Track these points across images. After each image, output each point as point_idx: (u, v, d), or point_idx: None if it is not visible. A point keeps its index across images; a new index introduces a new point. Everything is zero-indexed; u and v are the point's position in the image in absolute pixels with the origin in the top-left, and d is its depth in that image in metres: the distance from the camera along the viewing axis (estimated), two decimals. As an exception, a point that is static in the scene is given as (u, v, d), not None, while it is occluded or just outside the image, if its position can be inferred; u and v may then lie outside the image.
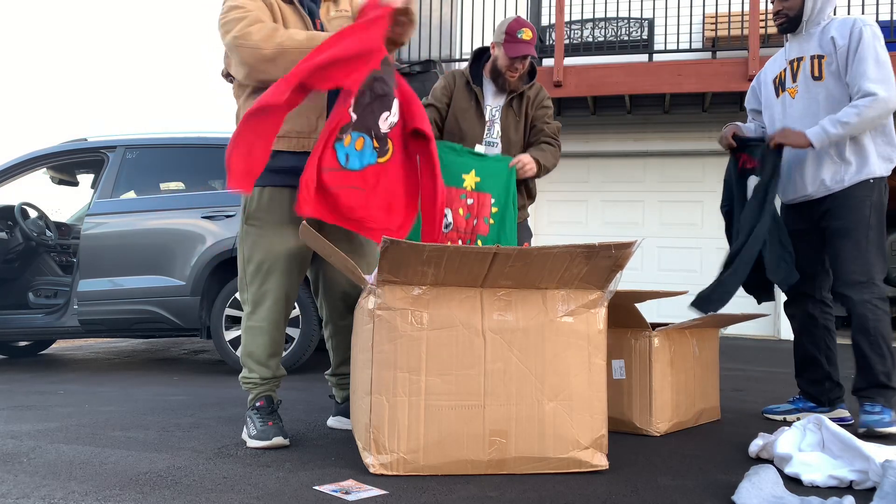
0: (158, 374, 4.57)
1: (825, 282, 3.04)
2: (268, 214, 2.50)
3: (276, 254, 2.50)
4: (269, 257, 2.50)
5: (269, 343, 2.55)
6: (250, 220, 2.52)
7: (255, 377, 2.56)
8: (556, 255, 2.07)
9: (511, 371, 2.15)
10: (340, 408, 2.82)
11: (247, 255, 2.53)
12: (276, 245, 2.50)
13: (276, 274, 2.51)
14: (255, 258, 2.51)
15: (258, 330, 2.53)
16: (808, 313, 3.05)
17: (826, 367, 3.04)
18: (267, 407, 2.55)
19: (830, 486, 2.05)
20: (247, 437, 2.52)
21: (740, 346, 6.74)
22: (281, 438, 2.44)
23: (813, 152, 2.91)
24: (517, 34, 3.16)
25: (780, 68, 3.07)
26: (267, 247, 2.50)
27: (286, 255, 2.51)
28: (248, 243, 2.53)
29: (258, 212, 2.51)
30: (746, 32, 7.20)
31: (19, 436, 2.66)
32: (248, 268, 2.53)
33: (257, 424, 2.49)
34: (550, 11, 8.58)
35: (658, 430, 2.72)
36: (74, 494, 1.93)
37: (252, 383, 2.56)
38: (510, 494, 1.96)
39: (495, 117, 3.33)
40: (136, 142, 4.86)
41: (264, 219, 2.51)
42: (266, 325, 2.53)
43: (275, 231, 2.50)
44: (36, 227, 5.27)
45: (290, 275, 2.53)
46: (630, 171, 8.27)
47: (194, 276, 4.44)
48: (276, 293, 2.52)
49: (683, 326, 2.86)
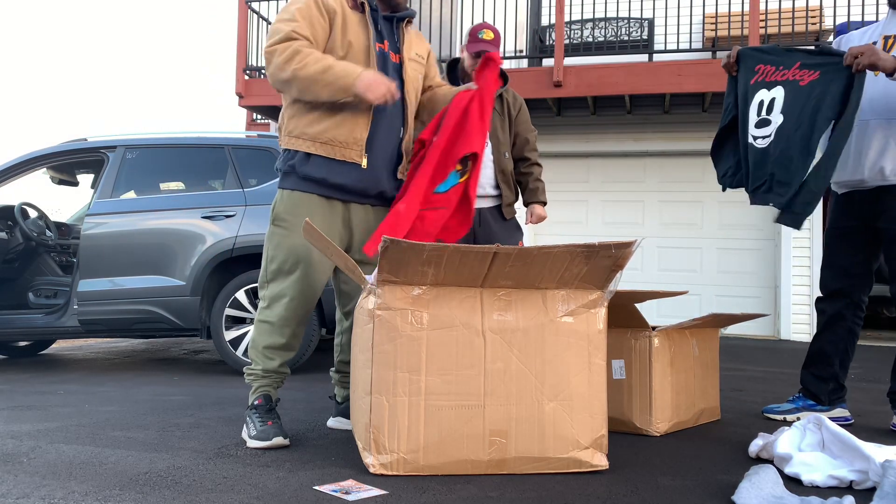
0: (158, 374, 4.57)
1: (866, 284, 2.97)
2: (293, 217, 2.57)
3: (298, 255, 2.56)
4: (290, 258, 2.56)
5: (277, 338, 2.59)
6: (277, 221, 2.59)
7: (258, 369, 2.59)
8: (556, 254, 2.07)
9: (511, 371, 2.15)
10: (340, 408, 2.82)
11: (271, 253, 2.60)
12: (299, 247, 2.56)
13: (295, 275, 2.57)
14: (277, 258, 2.58)
15: (267, 325, 2.59)
16: (839, 312, 2.99)
17: (836, 368, 3.01)
18: (265, 405, 2.56)
19: (830, 486, 2.05)
20: (247, 437, 2.52)
21: (740, 346, 6.74)
22: (281, 438, 2.45)
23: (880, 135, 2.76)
24: (478, 34, 3.31)
25: (871, 41, 2.85)
26: (290, 248, 2.56)
27: (307, 257, 2.56)
28: (273, 243, 2.59)
29: (285, 213, 2.58)
30: (746, 32, 7.20)
31: (19, 436, 2.66)
32: (270, 266, 2.60)
33: (257, 424, 2.50)
34: (550, 11, 8.59)
35: (658, 430, 2.72)
36: (74, 494, 1.93)
37: (254, 375, 2.60)
38: (510, 494, 1.96)
39: None
40: (136, 142, 4.86)
41: (290, 221, 2.57)
42: (276, 321, 2.58)
43: (299, 234, 2.57)
44: (36, 227, 5.26)
45: (307, 278, 2.57)
46: (630, 171, 8.27)
47: (194, 276, 4.44)
48: (292, 293, 2.57)
49: (683, 326, 2.86)
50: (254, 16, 8.45)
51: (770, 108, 2.83)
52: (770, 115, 2.83)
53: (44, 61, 55.19)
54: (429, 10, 8.05)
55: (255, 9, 8.47)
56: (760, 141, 2.85)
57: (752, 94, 2.91)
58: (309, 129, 2.55)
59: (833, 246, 3.00)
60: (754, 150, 2.87)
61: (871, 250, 2.95)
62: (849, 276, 2.96)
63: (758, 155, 2.85)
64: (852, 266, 2.95)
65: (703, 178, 8.04)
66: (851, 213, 2.94)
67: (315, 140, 2.55)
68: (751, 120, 2.90)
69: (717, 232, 7.98)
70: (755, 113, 2.88)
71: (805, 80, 2.77)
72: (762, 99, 2.87)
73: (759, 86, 2.90)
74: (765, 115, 2.85)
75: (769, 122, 2.83)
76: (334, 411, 2.85)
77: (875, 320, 9.39)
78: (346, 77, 2.42)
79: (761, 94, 2.88)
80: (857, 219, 2.92)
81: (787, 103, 2.79)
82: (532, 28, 8.53)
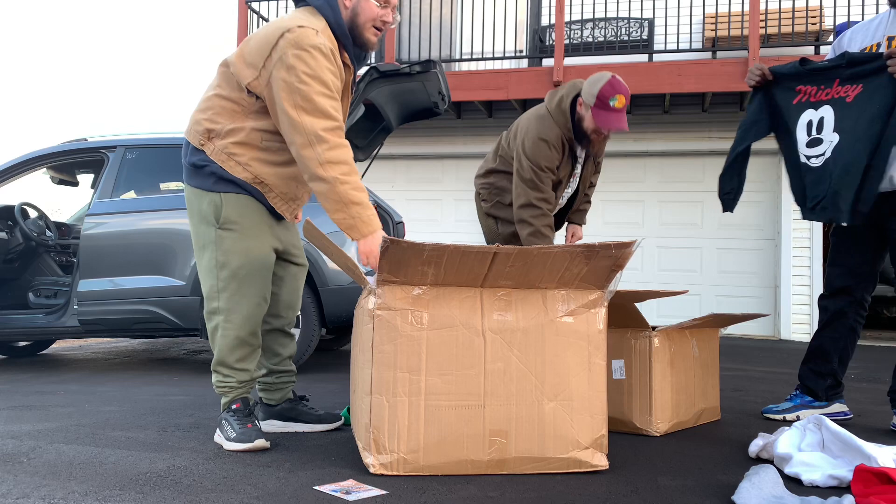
0: (158, 374, 4.57)
1: (870, 283, 2.98)
2: (243, 219, 2.46)
3: (254, 258, 2.47)
4: (246, 262, 2.46)
5: (249, 349, 2.50)
6: (226, 224, 2.45)
7: (232, 381, 2.49)
8: (556, 255, 2.07)
9: (511, 371, 2.15)
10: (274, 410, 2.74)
11: (220, 260, 2.46)
12: (254, 249, 2.47)
13: (253, 279, 2.47)
14: (230, 263, 2.45)
15: (235, 338, 2.47)
16: (841, 310, 3.00)
17: (834, 365, 3.02)
18: (244, 409, 2.48)
19: (830, 486, 2.05)
20: (223, 441, 2.45)
21: (740, 346, 6.74)
22: (263, 441, 2.40)
23: None
24: (609, 102, 3.01)
25: (874, 41, 2.86)
26: (244, 251, 2.46)
27: (263, 259, 2.49)
28: (222, 248, 2.46)
29: (235, 216, 2.45)
30: (746, 32, 7.20)
31: (19, 436, 2.66)
32: (222, 273, 2.46)
33: (235, 427, 2.43)
34: (550, 11, 8.58)
35: (658, 430, 2.72)
36: (74, 494, 1.93)
37: (227, 387, 2.50)
38: (510, 494, 1.96)
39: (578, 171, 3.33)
40: (136, 142, 4.86)
41: (240, 223, 2.46)
42: (244, 332, 2.48)
43: (252, 235, 2.47)
44: (36, 227, 5.26)
45: (265, 279, 2.51)
46: (630, 171, 8.27)
47: (194, 276, 4.44)
48: (255, 297, 2.48)
49: (683, 326, 2.86)
50: (254, 16, 8.45)
51: (820, 127, 2.88)
52: (821, 133, 2.87)
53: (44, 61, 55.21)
54: (429, 10, 8.05)
55: (255, 9, 8.47)
56: (815, 160, 2.89)
57: (796, 115, 2.95)
58: (255, 165, 2.44)
59: (840, 244, 3.01)
60: (809, 168, 2.92)
61: (877, 250, 2.96)
62: (854, 275, 2.97)
63: (815, 174, 2.90)
64: (858, 265, 2.96)
65: (703, 178, 8.04)
66: None
67: (256, 178, 2.45)
68: (800, 140, 2.94)
69: (717, 232, 7.98)
70: (804, 132, 2.92)
71: (851, 97, 2.81)
72: (810, 119, 2.90)
73: (803, 106, 2.94)
74: (815, 134, 2.89)
75: (821, 140, 2.87)
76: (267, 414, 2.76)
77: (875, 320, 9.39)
78: (364, 225, 2.31)
79: (808, 114, 2.91)
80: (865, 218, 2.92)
81: (838, 120, 2.83)
82: (532, 28, 8.53)
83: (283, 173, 2.49)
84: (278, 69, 2.32)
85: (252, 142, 2.44)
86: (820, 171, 2.87)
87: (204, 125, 2.46)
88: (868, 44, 2.89)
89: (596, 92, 3.03)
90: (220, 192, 2.45)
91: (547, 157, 3.15)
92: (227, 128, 2.44)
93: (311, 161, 2.30)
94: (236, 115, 2.45)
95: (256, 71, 2.39)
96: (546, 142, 3.15)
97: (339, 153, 2.31)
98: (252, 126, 2.44)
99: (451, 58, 8.06)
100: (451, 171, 8.70)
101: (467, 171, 8.58)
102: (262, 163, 2.45)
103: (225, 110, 2.45)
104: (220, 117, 2.45)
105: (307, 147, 2.30)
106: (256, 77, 2.39)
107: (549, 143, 3.15)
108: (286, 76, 2.31)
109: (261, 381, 2.74)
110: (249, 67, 2.40)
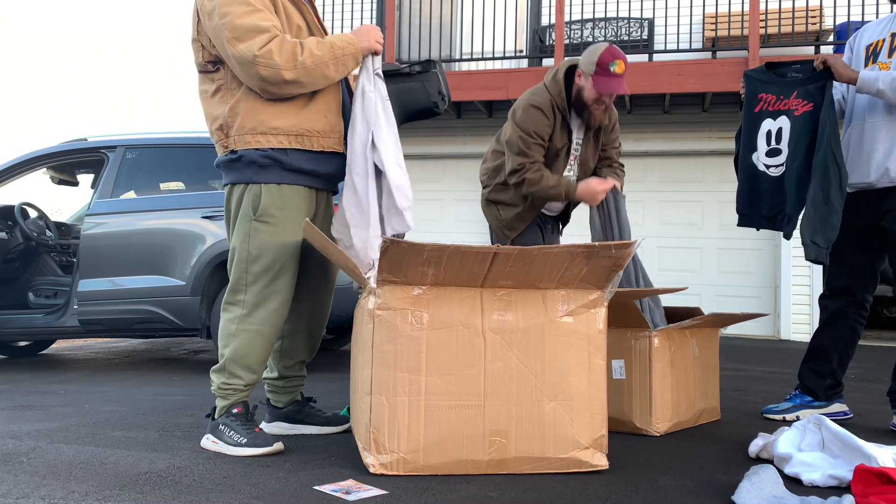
0: (158, 374, 4.57)
1: (870, 283, 2.98)
2: (282, 212, 2.40)
3: (290, 253, 2.42)
4: (282, 256, 2.40)
5: (267, 348, 2.43)
6: (262, 217, 2.39)
7: (240, 384, 2.41)
8: (556, 254, 2.07)
9: (511, 371, 2.15)
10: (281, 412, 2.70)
11: (253, 253, 2.39)
12: (290, 244, 2.42)
13: (286, 274, 2.42)
14: (264, 257, 2.39)
15: (257, 334, 2.40)
16: (841, 310, 3.00)
17: (834, 365, 3.02)
18: (245, 413, 2.42)
19: (830, 486, 2.05)
20: (225, 447, 2.36)
21: (740, 346, 6.74)
22: (280, 444, 2.36)
23: (886, 136, 2.78)
24: (609, 67, 2.98)
25: (880, 37, 2.88)
26: (280, 245, 2.40)
27: (297, 255, 2.45)
28: (257, 241, 2.39)
29: (273, 208, 2.40)
30: (746, 32, 7.20)
31: (19, 436, 2.66)
32: (253, 267, 2.40)
33: (242, 432, 2.36)
34: (550, 11, 8.58)
35: (658, 430, 2.72)
36: (74, 494, 1.93)
37: (233, 390, 2.42)
38: (510, 494, 1.96)
39: (577, 152, 3.28)
40: (136, 142, 4.86)
41: (278, 216, 2.40)
42: (267, 328, 2.41)
43: (290, 230, 2.42)
44: (36, 227, 5.26)
45: (294, 276, 2.46)
46: (630, 171, 8.26)
47: (194, 276, 4.44)
48: (284, 295, 2.43)
49: (683, 326, 2.86)
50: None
51: (779, 137, 2.93)
52: (780, 144, 2.92)
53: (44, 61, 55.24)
54: (429, 10, 8.05)
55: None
56: (773, 170, 2.95)
57: (757, 123, 3.00)
58: (276, 122, 2.37)
59: (841, 244, 3.01)
60: (768, 178, 2.97)
61: (877, 250, 2.96)
62: (854, 275, 2.97)
63: (773, 183, 2.95)
64: (858, 265, 2.96)
65: (703, 178, 8.04)
66: (857, 213, 2.93)
67: (288, 133, 2.38)
68: (760, 148, 2.98)
69: (717, 232, 7.98)
70: (764, 142, 2.97)
71: (799, 111, 2.88)
72: (769, 128, 2.95)
73: (763, 115, 2.99)
74: (774, 144, 2.94)
75: (780, 150, 2.93)
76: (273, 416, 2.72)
77: (875, 320, 9.39)
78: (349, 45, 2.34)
79: (767, 123, 2.97)
80: (865, 218, 2.92)
81: (790, 134, 2.90)
82: (532, 28, 8.53)
83: (302, 113, 2.41)
84: (207, 26, 2.36)
85: (255, 106, 2.38)
86: (779, 181, 2.94)
87: (214, 127, 2.46)
88: (875, 39, 2.91)
89: (595, 59, 3.03)
90: (262, 182, 2.40)
91: (536, 122, 3.11)
92: (228, 113, 2.41)
93: (274, 78, 2.28)
94: (225, 96, 2.43)
95: (199, 43, 2.42)
96: (536, 108, 3.13)
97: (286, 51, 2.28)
98: (242, 94, 2.39)
99: (451, 58, 8.06)
100: (451, 171, 8.70)
101: (467, 171, 8.58)
102: (278, 117, 2.39)
103: (217, 102, 2.44)
104: (218, 109, 2.43)
105: (257, 75, 2.28)
106: (202, 47, 2.42)
107: (539, 110, 3.12)
108: (211, 23, 2.34)
109: (270, 383, 2.69)
110: (194, 45, 2.44)
